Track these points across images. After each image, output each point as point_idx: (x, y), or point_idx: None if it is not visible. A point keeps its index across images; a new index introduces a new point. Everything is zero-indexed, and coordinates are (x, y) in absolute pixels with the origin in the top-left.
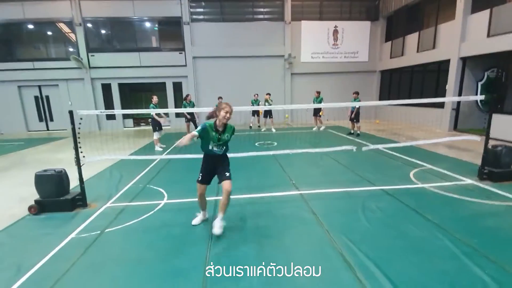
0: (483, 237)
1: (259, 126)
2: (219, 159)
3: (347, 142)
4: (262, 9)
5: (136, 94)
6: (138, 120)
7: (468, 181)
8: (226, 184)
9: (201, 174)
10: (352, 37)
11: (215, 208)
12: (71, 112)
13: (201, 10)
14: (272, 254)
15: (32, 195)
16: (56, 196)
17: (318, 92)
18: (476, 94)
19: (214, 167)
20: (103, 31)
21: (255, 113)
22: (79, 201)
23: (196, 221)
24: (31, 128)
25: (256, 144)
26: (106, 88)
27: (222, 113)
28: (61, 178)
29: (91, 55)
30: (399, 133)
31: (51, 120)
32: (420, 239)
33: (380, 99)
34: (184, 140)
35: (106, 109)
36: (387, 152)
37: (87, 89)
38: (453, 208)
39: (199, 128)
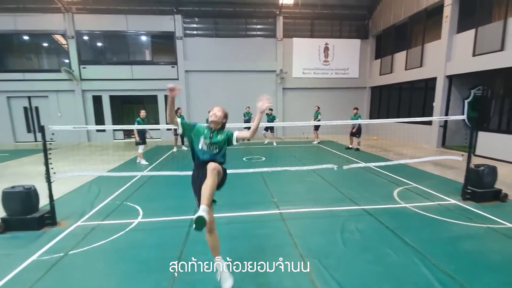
0: (460, 263)
1: (248, 140)
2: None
3: (335, 158)
4: (254, 26)
5: (127, 106)
6: (128, 132)
7: (451, 201)
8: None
9: (196, 198)
10: (343, 54)
11: (189, 226)
12: (42, 127)
13: (195, 25)
14: (238, 284)
15: (2, 212)
16: (24, 214)
17: (318, 107)
18: (463, 112)
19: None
20: (95, 44)
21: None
22: (48, 219)
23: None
24: (18, 139)
25: (244, 159)
26: (97, 100)
27: (210, 113)
28: (29, 195)
29: (83, 67)
30: (388, 149)
31: (40, 131)
32: (396, 264)
33: (371, 114)
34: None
35: (96, 120)
36: (374, 169)
37: (77, 100)
38: (433, 230)
39: (183, 121)
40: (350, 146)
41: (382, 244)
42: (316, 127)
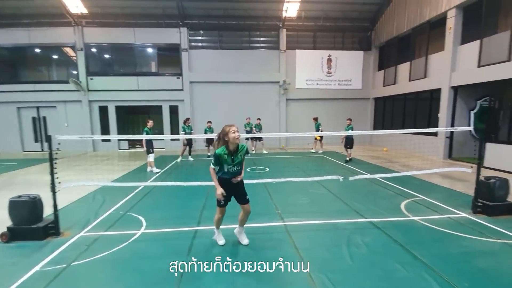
0: (475, 280)
1: (252, 150)
2: (235, 183)
3: (339, 169)
4: (258, 38)
5: (132, 116)
6: (133, 142)
7: (462, 214)
8: (247, 207)
9: (221, 200)
10: (346, 65)
11: (193, 238)
12: (49, 137)
13: (200, 38)
14: None
15: (9, 221)
16: (29, 223)
17: (315, 119)
18: (469, 123)
19: (232, 190)
20: (103, 56)
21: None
22: (52, 229)
23: (222, 240)
24: (26, 148)
25: (247, 169)
26: (103, 110)
27: (232, 135)
28: (34, 204)
29: (90, 79)
30: (394, 161)
31: (46, 141)
32: (405, 280)
33: (375, 125)
34: (219, 190)
35: (102, 130)
36: (380, 180)
37: (84, 111)
38: (444, 245)
39: (213, 161)
40: (347, 159)
41: (390, 259)
42: (320, 138)
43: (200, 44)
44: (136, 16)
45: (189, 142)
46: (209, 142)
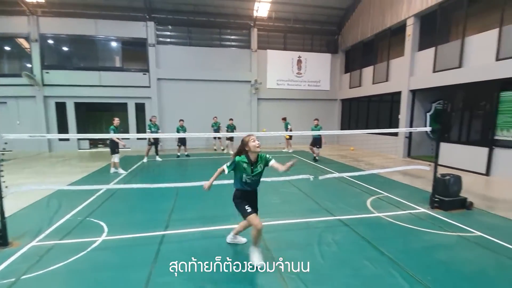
0: (436, 273)
1: (222, 149)
2: (252, 195)
3: (309, 168)
4: (229, 36)
5: (94, 114)
6: (95, 141)
7: (421, 209)
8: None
9: (247, 207)
10: (315, 67)
11: (160, 244)
12: None
13: (168, 33)
14: None
15: None
16: None
17: (284, 119)
18: (425, 124)
19: (250, 202)
20: (61, 48)
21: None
22: None
23: (261, 261)
24: None
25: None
26: (61, 107)
27: (252, 143)
28: None
29: (46, 72)
30: (360, 160)
31: None
32: (374, 277)
33: (342, 125)
34: (207, 184)
35: (59, 129)
36: (348, 179)
37: (38, 107)
38: (407, 240)
39: (228, 164)
40: (316, 158)
41: (359, 256)
42: (289, 137)
43: (168, 40)
44: (98, 7)
45: (155, 141)
46: (181, 141)
